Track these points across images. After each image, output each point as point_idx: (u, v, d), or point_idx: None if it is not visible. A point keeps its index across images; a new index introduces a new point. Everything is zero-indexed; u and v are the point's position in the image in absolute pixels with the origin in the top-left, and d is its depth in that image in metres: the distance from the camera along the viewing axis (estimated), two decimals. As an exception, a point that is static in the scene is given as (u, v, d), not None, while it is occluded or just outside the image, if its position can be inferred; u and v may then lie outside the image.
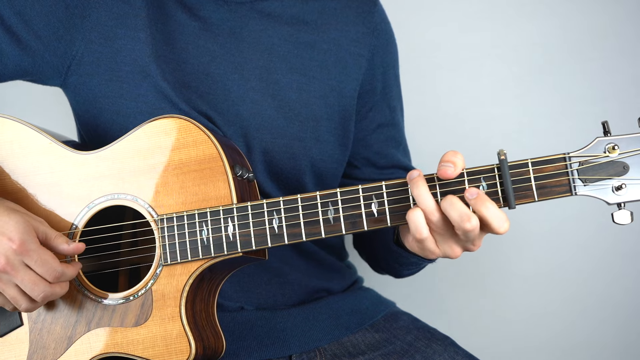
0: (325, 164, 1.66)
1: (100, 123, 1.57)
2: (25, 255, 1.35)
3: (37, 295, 1.37)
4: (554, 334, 2.32)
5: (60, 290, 1.40)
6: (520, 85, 2.29)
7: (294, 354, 1.61)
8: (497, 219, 1.30)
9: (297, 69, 1.63)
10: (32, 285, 1.37)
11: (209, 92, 1.58)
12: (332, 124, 1.66)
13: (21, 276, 1.36)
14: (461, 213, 1.29)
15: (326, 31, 1.67)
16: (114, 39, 1.56)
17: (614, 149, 1.29)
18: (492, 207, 1.29)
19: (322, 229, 1.38)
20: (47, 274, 1.37)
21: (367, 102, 1.72)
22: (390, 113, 1.77)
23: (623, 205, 1.30)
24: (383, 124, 1.76)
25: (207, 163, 1.42)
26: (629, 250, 2.29)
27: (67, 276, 1.40)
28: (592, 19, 2.25)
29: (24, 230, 1.36)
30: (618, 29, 2.24)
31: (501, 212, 1.30)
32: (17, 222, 1.37)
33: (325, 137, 1.65)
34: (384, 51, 1.73)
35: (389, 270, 1.78)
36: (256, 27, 1.62)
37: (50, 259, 1.37)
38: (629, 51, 2.24)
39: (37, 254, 1.36)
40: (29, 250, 1.36)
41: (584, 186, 1.30)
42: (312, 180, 1.66)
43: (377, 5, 1.74)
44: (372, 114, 1.74)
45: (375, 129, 1.75)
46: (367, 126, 1.74)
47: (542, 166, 1.31)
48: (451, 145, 2.14)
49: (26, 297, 1.39)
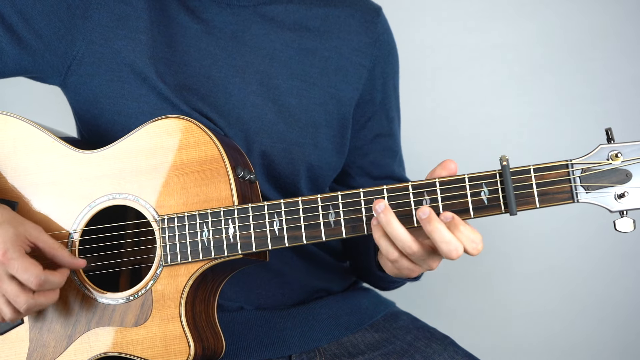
0: (321, 171, 1.66)
1: (102, 123, 1.57)
2: (7, 265, 1.35)
3: (20, 306, 1.37)
4: (553, 334, 2.33)
5: (45, 300, 1.39)
6: (521, 86, 2.28)
7: (293, 354, 1.61)
8: (445, 243, 1.29)
9: (298, 74, 1.63)
10: (15, 296, 1.36)
11: (210, 95, 1.57)
12: (330, 131, 1.66)
13: (4, 287, 1.36)
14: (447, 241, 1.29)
15: (328, 39, 1.67)
16: (115, 39, 1.56)
17: (617, 156, 1.29)
18: (440, 229, 1.29)
19: (323, 232, 1.38)
20: (29, 281, 1.35)
21: (366, 111, 1.72)
22: (388, 124, 1.76)
23: (625, 213, 1.30)
24: (381, 134, 1.76)
25: (208, 164, 1.42)
26: (628, 250, 2.29)
27: (51, 283, 1.38)
28: (592, 19, 2.24)
29: (8, 239, 1.36)
30: (618, 29, 2.24)
31: (450, 238, 1.29)
32: (8, 230, 1.37)
33: (324, 144, 1.65)
34: (385, 62, 1.73)
35: (376, 287, 1.81)
36: (258, 31, 1.62)
37: (32, 266, 1.36)
38: (630, 51, 2.24)
39: (18, 262, 1.35)
40: (10, 259, 1.35)
41: (586, 193, 1.30)
42: (307, 185, 1.66)
43: (380, 15, 1.73)
44: (370, 124, 1.74)
45: (373, 139, 1.75)
46: (365, 136, 1.74)
47: (544, 172, 1.30)
48: (451, 146, 2.14)
49: (11, 307, 1.38)
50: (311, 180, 1.66)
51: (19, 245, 1.37)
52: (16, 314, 1.39)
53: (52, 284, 1.38)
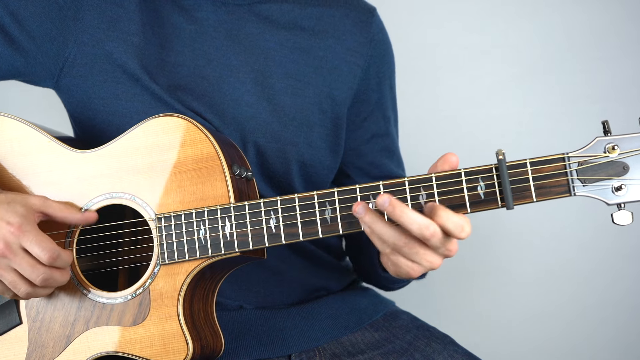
0: (315, 170, 1.66)
1: (96, 124, 1.58)
2: (22, 237, 1.36)
3: (36, 277, 1.37)
4: (553, 334, 2.32)
5: (60, 276, 1.40)
6: (521, 86, 2.29)
7: (293, 353, 1.61)
8: (455, 225, 1.26)
9: (292, 74, 1.63)
10: (31, 268, 1.37)
11: (205, 95, 1.58)
12: (324, 130, 1.66)
13: (19, 260, 1.37)
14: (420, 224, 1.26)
15: (323, 38, 1.67)
16: (106, 41, 1.56)
17: (614, 149, 1.28)
18: (445, 215, 1.26)
19: (320, 228, 1.38)
20: (43, 254, 1.36)
21: (361, 111, 1.72)
22: (384, 124, 1.77)
23: (623, 205, 1.29)
24: (377, 134, 1.76)
25: (204, 162, 1.42)
26: (629, 251, 2.28)
27: (62, 260, 1.39)
28: (592, 19, 2.24)
29: (22, 214, 1.37)
30: (619, 29, 2.24)
31: (458, 218, 1.26)
32: (16, 207, 1.38)
33: (318, 143, 1.65)
34: (380, 62, 1.73)
35: (379, 287, 1.81)
36: (253, 30, 1.62)
37: (46, 239, 1.38)
38: (630, 51, 2.23)
39: (32, 234, 1.37)
40: (25, 231, 1.36)
41: (583, 187, 1.29)
42: (302, 184, 1.66)
43: (374, 15, 1.73)
44: (366, 124, 1.74)
45: (370, 139, 1.75)
46: (361, 136, 1.74)
47: (541, 166, 1.30)
48: (451, 146, 2.14)
49: (25, 281, 1.39)
50: (305, 179, 1.66)
51: (32, 219, 1.38)
52: (32, 288, 1.39)
53: (63, 260, 1.39)
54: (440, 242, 1.28)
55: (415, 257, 1.31)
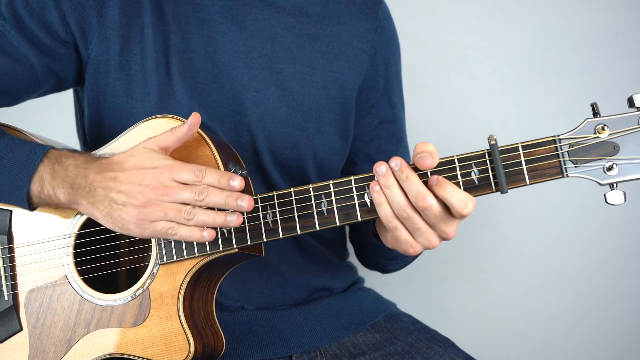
0: (326, 156, 1.67)
1: (105, 123, 1.57)
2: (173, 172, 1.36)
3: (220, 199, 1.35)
4: (555, 336, 2.31)
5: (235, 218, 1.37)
6: (520, 85, 2.29)
7: (294, 354, 1.61)
8: (459, 200, 1.29)
9: (299, 59, 1.65)
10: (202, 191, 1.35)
11: (215, 81, 1.58)
12: (333, 115, 1.67)
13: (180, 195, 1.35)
14: (417, 191, 1.30)
15: (329, 24, 1.68)
16: (127, 37, 1.57)
17: (604, 129, 1.30)
18: (451, 189, 1.29)
19: (316, 221, 1.39)
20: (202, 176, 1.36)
21: (369, 98, 1.74)
22: (391, 110, 1.78)
23: (615, 185, 1.30)
24: (384, 120, 1.77)
25: (200, 161, 1.42)
26: (630, 250, 2.28)
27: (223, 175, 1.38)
28: (592, 19, 2.26)
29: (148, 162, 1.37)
30: (619, 28, 2.25)
31: (463, 194, 1.29)
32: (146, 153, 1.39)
33: (327, 129, 1.66)
34: (386, 48, 1.75)
35: (374, 265, 1.79)
36: (258, 16, 1.63)
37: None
38: (630, 50, 2.25)
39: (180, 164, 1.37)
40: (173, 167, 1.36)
41: (575, 168, 1.30)
42: (315, 171, 1.66)
43: (381, 2, 1.75)
44: (374, 110, 1.75)
45: (377, 126, 1.76)
46: (369, 122, 1.75)
47: (533, 149, 1.31)
48: (451, 146, 2.14)
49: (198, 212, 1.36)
50: (318, 167, 1.66)
51: (162, 157, 1.38)
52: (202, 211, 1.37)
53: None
54: (436, 217, 1.30)
55: (415, 233, 1.33)
